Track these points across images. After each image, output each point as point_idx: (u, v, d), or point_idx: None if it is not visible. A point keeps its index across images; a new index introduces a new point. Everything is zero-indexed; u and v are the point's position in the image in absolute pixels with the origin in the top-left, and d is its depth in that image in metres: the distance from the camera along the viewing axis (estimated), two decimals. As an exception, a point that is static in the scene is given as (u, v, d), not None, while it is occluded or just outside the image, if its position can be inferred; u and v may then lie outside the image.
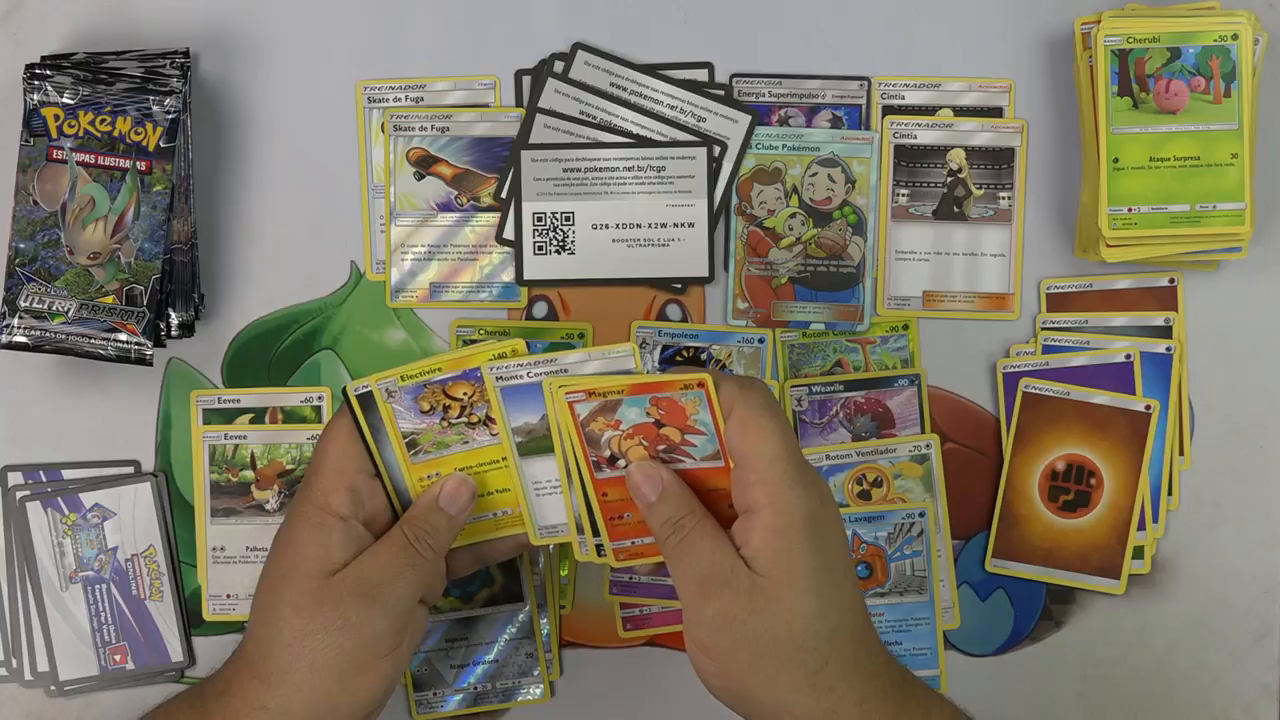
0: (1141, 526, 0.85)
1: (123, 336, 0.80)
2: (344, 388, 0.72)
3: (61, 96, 0.80)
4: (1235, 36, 0.81)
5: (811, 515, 0.66)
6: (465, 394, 0.71)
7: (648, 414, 0.69)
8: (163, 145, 0.81)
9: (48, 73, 0.80)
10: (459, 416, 0.71)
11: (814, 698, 0.66)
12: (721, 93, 0.85)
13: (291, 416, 0.85)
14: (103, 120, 0.80)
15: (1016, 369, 0.85)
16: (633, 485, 0.70)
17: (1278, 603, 0.86)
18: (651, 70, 0.85)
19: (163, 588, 0.85)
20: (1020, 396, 0.85)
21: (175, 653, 0.85)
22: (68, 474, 0.85)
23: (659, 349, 0.86)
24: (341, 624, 0.68)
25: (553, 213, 0.85)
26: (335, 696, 0.68)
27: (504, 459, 0.73)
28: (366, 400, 0.71)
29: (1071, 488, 0.85)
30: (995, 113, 0.86)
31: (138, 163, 0.80)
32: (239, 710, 0.68)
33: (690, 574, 0.67)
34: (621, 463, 0.71)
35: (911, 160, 0.86)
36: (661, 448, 0.70)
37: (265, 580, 0.70)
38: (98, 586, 0.85)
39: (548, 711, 0.86)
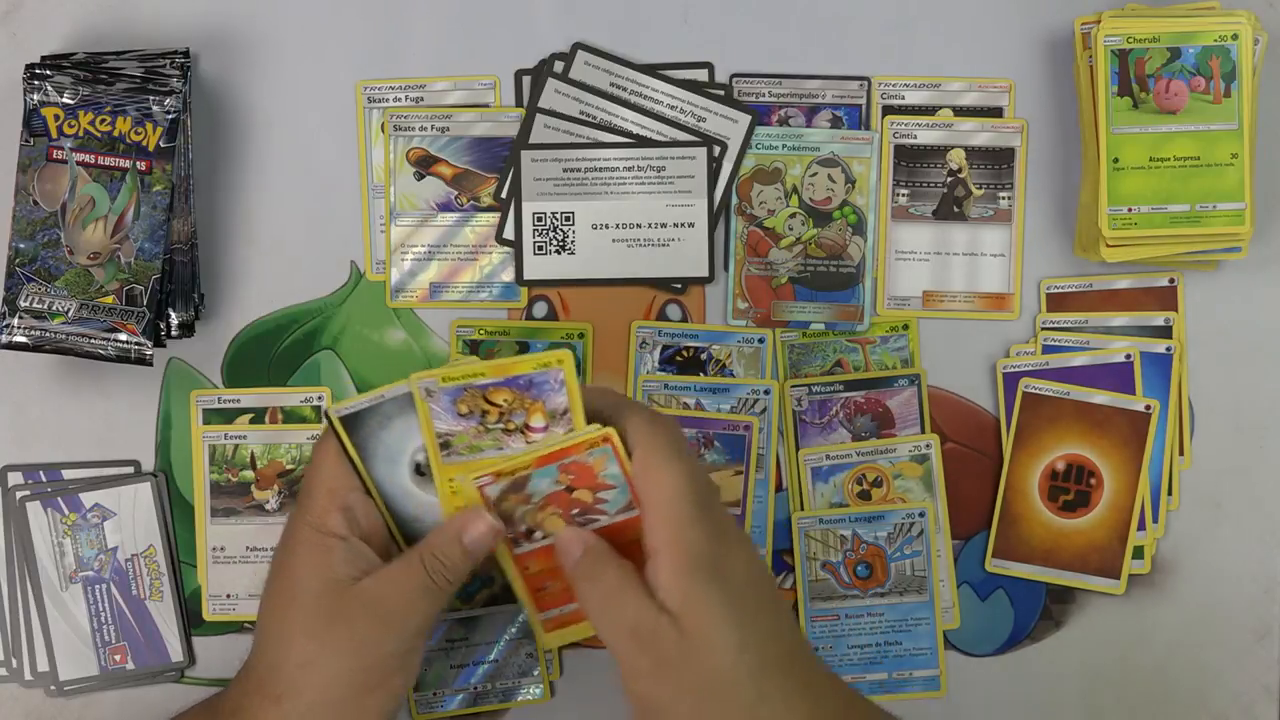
0: (1141, 526, 0.85)
1: (123, 336, 0.80)
2: (326, 411, 0.71)
3: (61, 96, 0.80)
4: (1235, 36, 0.81)
5: (712, 550, 0.65)
6: (505, 400, 0.69)
7: (558, 482, 0.69)
8: (163, 145, 0.81)
9: (48, 73, 0.80)
10: (496, 422, 0.70)
11: None
12: (721, 93, 0.85)
13: (291, 416, 0.85)
14: (103, 120, 0.80)
15: (1016, 369, 0.85)
16: (559, 549, 0.69)
17: (1278, 603, 0.86)
18: (651, 70, 0.85)
19: (163, 588, 0.85)
20: (1020, 396, 0.85)
21: (175, 653, 0.85)
22: (68, 474, 0.85)
23: (659, 349, 0.86)
24: (355, 645, 0.67)
25: (553, 213, 0.85)
26: (347, 715, 0.68)
27: None
28: (351, 421, 0.70)
29: (1071, 488, 0.85)
30: (995, 113, 0.86)
31: (138, 163, 0.80)
32: None
33: (622, 628, 0.66)
34: (539, 534, 0.70)
35: (911, 160, 0.86)
36: (575, 511, 0.70)
37: (270, 601, 0.70)
38: (98, 586, 0.85)
39: (548, 711, 0.86)
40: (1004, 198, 0.86)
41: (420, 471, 0.70)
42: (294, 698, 0.67)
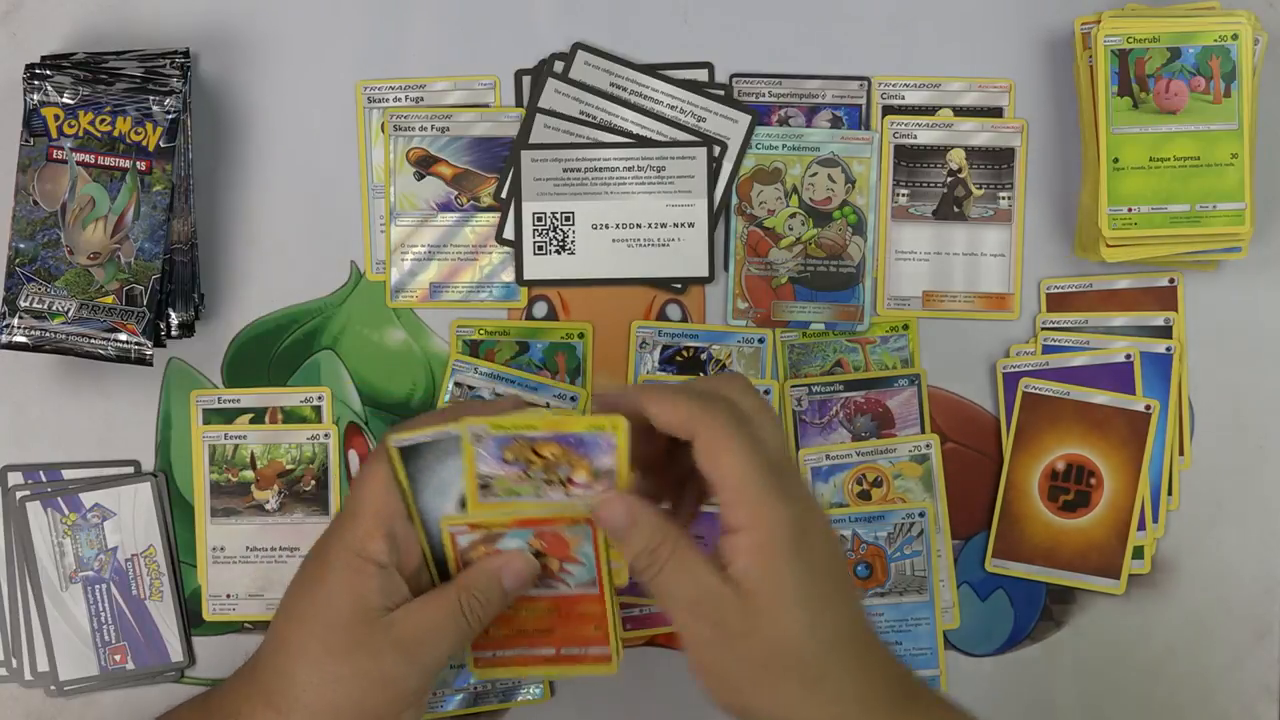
0: (1141, 526, 0.85)
1: (123, 336, 0.80)
2: (385, 439, 0.69)
3: (61, 96, 0.80)
4: (1235, 36, 0.81)
5: (795, 528, 0.64)
6: (552, 454, 0.68)
7: (529, 544, 0.69)
8: (163, 145, 0.81)
9: (48, 73, 0.80)
10: (540, 472, 0.69)
11: (816, 708, 0.65)
12: (721, 93, 0.85)
13: (291, 416, 0.85)
14: (103, 120, 0.80)
15: (1016, 369, 0.85)
16: (603, 521, 0.68)
17: (1278, 603, 0.86)
18: (651, 70, 0.85)
19: (163, 588, 0.85)
20: (1020, 396, 0.85)
21: (175, 653, 0.85)
22: (68, 474, 0.85)
23: (659, 349, 0.86)
24: (378, 675, 0.67)
25: (553, 213, 0.85)
26: None
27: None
28: (408, 452, 0.69)
29: (1071, 487, 0.85)
30: (995, 113, 0.86)
31: (138, 163, 0.80)
32: None
33: (680, 600, 0.66)
34: None
35: (911, 160, 0.86)
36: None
37: (292, 614, 0.69)
38: (98, 586, 0.85)
39: (548, 711, 0.86)
40: (1004, 198, 0.86)
41: (465, 506, 0.70)
42: (300, 714, 0.67)
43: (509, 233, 0.86)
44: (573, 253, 0.85)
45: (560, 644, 0.72)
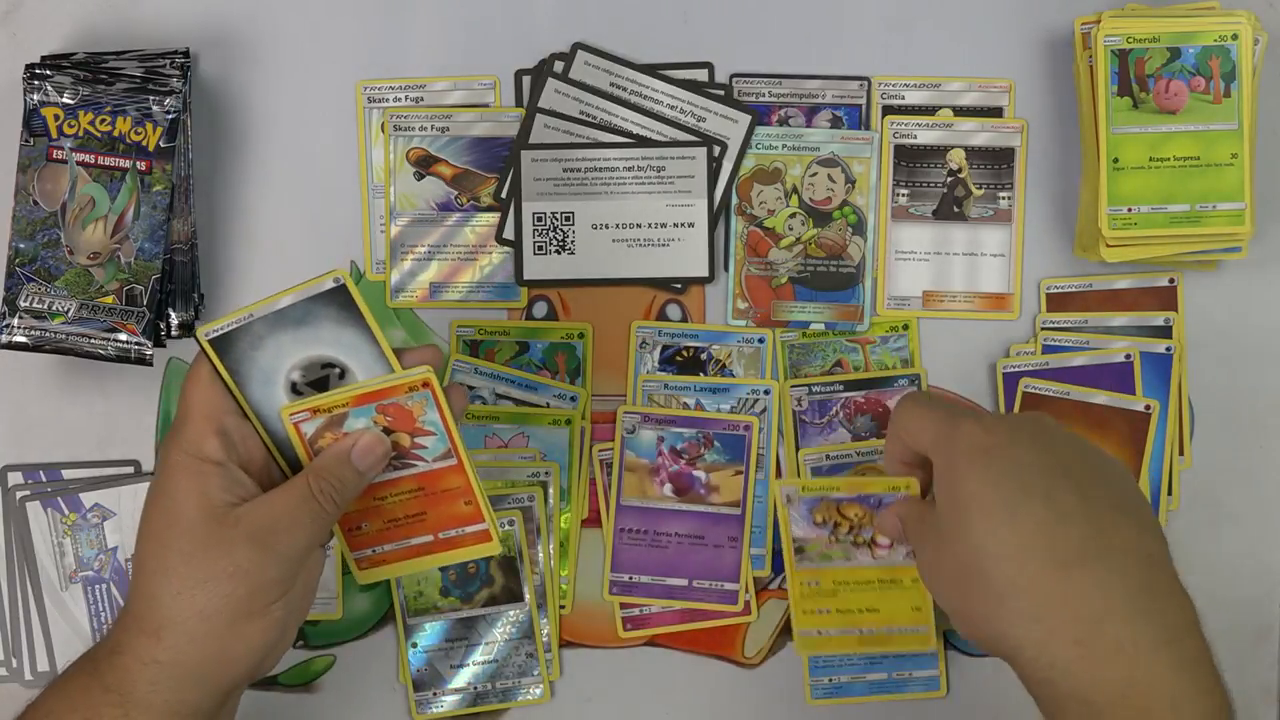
0: (1141, 526, 0.85)
1: (123, 336, 0.80)
2: (195, 333, 0.69)
3: (61, 96, 0.80)
4: (1235, 36, 0.81)
5: (974, 443, 0.68)
6: (856, 515, 0.79)
7: (375, 423, 0.69)
8: (163, 145, 0.81)
9: (48, 73, 0.80)
10: (847, 534, 0.79)
11: (1016, 628, 0.65)
12: (721, 93, 0.85)
13: (291, 416, 0.85)
14: (103, 120, 0.80)
15: (1016, 369, 0.85)
16: (887, 535, 0.78)
17: (1278, 603, 0.86)
18: (651, 70, 0.85)
19: (163, 588, 0.85)
20: (1020, 396, 0.85)
21: (175, 653, 0.85)
22: (68, 474, 0.85)
23: (659, 349, 0.86)
24: (233, 570, 0.66)
25: (553, 213, 0.85)
26: (228, 642, 0.66)
27: (878, 581, 0.80)
28: (221, 343, 0.68)
29: (1071, 488, 0.85)
30: (995, 113, 0.86)
31: (138, 163, 0.80)
32: (130, 667, 0.66)
33: (913, 541, 0.73)
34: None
35: (911, 160, 0.86)
36: (392, 454, 0.70)
37: (146, 533, 0.68)
38: (98, 586, 0.85)
39: (548, 711, 0.86)
40: (1004, 198, 0.86)
41: (297, 391, 0.69)
42: (173, 629, 0.66)
43: (509, 233, 0.86)
44: (573, 253, 0.85)
45: (435, 528, 0.72)
